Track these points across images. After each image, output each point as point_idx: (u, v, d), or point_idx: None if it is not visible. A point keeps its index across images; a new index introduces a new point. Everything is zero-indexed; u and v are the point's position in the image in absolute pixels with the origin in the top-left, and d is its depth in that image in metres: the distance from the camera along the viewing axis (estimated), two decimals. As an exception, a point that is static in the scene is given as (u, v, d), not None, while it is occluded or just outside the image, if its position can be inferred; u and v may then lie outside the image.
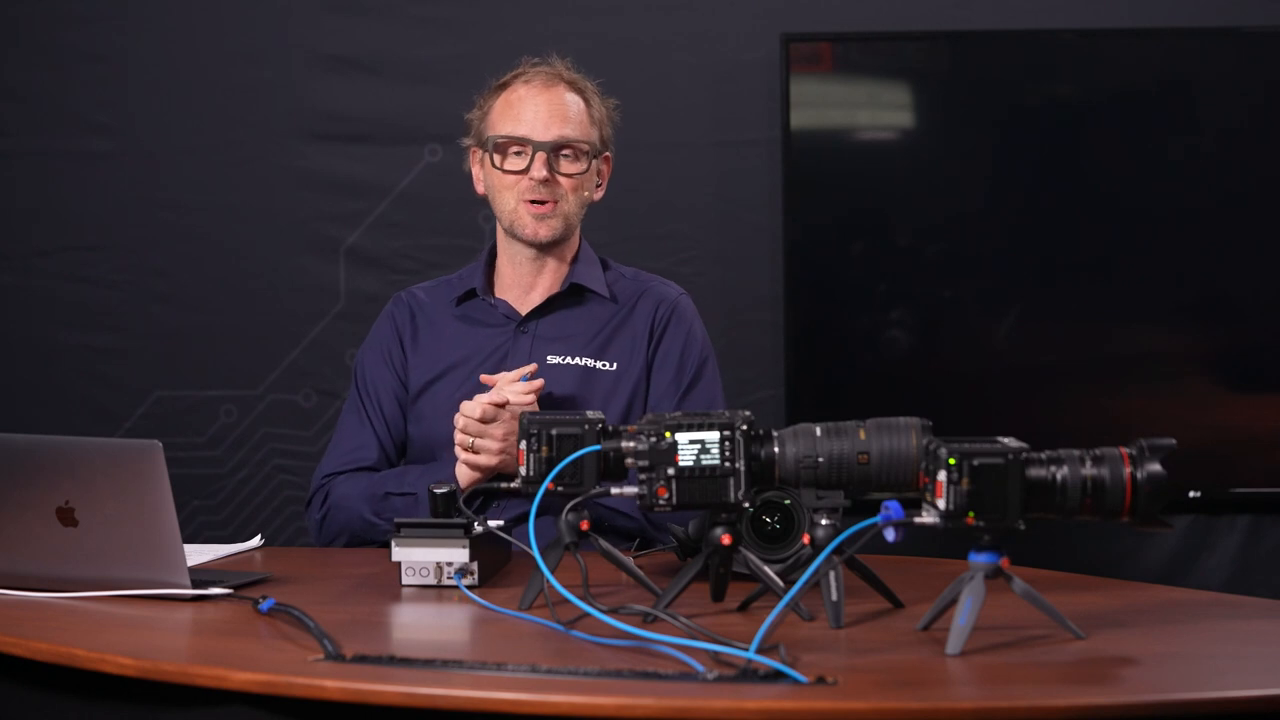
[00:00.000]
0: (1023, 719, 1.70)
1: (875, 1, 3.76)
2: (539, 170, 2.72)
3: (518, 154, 2.75)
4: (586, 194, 2.79)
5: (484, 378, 2.67)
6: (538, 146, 2.73)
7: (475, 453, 2.60)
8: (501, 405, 2.58)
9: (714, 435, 2.05)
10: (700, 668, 1.81)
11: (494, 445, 2.59)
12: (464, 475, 2.63)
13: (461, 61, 3.74)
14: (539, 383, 2.62)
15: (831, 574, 2.02)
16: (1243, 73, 3.69)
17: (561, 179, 2.74)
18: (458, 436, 2.61)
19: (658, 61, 3.80)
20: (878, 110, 3.79)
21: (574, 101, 2.77)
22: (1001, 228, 3.72)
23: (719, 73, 3.80)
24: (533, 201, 2.73)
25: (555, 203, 2.74)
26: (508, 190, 2.75)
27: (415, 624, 2.20)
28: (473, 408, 2.60)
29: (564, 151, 2.74)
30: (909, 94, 3.77)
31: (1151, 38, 3.69)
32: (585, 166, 2.76)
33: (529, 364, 2.73)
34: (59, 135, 3.86)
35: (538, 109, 2.75)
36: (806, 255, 3.71)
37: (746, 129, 3.78)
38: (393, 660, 1.87)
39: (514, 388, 2.61)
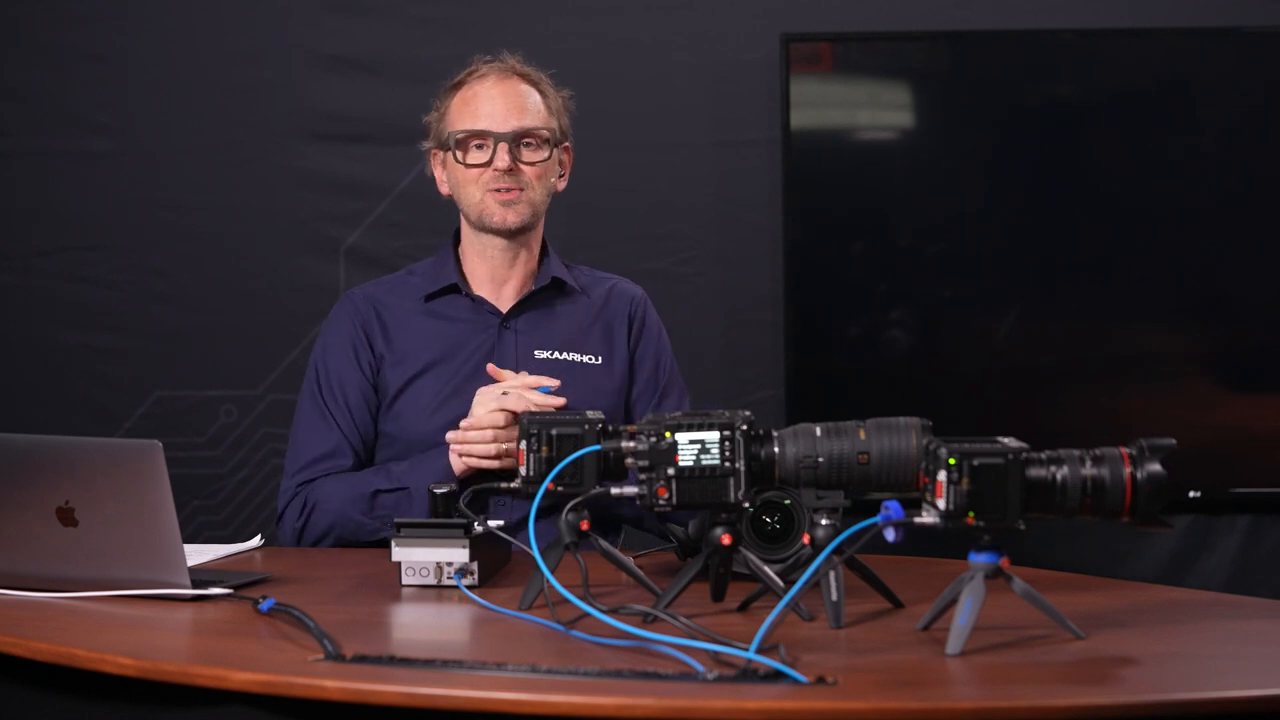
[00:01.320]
0: (1023, 719, 1.70)
1: (875, 1, 3.76)
2: (502, 160, 2.73)
3: (479, 147, 2.76)
4: (551, 181, 2.80)
5: (491, 369, 2.67)
6: (499, 138, 2.74)
7: (506, 456, 2.59)
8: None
9: (714, 435, 2.05)
10: (700, 668, 1.81)
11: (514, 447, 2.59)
12: (460, 467, 2.64)
13: (461, 61, 3.71)
14: (561, 400, 2.62)
15: (831, 574, 2.02)
16: (1243, 73, 3.69)
17: (525, 168, 2.76)
18: (489, 448, 2.60)
19: (658, 61, 3.80)
20: (878, 110, 3.79)
21: (529, 92, 2.79)
22: (1001, 228, 3.72)
23: (719, 73, 3.80)
24: (498, 190, 2.74)
25: (521, 190, 2.75)
26: (472, 184, 2.77)
27: (415, 624, 2.20)
28: (499, 417, 2.59)
29: (525, 140, 2.76)
30: (909, 94, 3.77)
31: (1151, 38, 3.69)
32: (547, 154, 2.77)
33: (517, 361, 2.74)
34: (59, 135, 3.86)
35: (494, 102, 2.76)
36: (806, 255, 3.71)
37: (746, 129, 3.78)
38: (393, 660, 1.87)
39: (534, 396, 2.61)
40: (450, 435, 2.64)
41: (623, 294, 2.88)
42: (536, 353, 2.77)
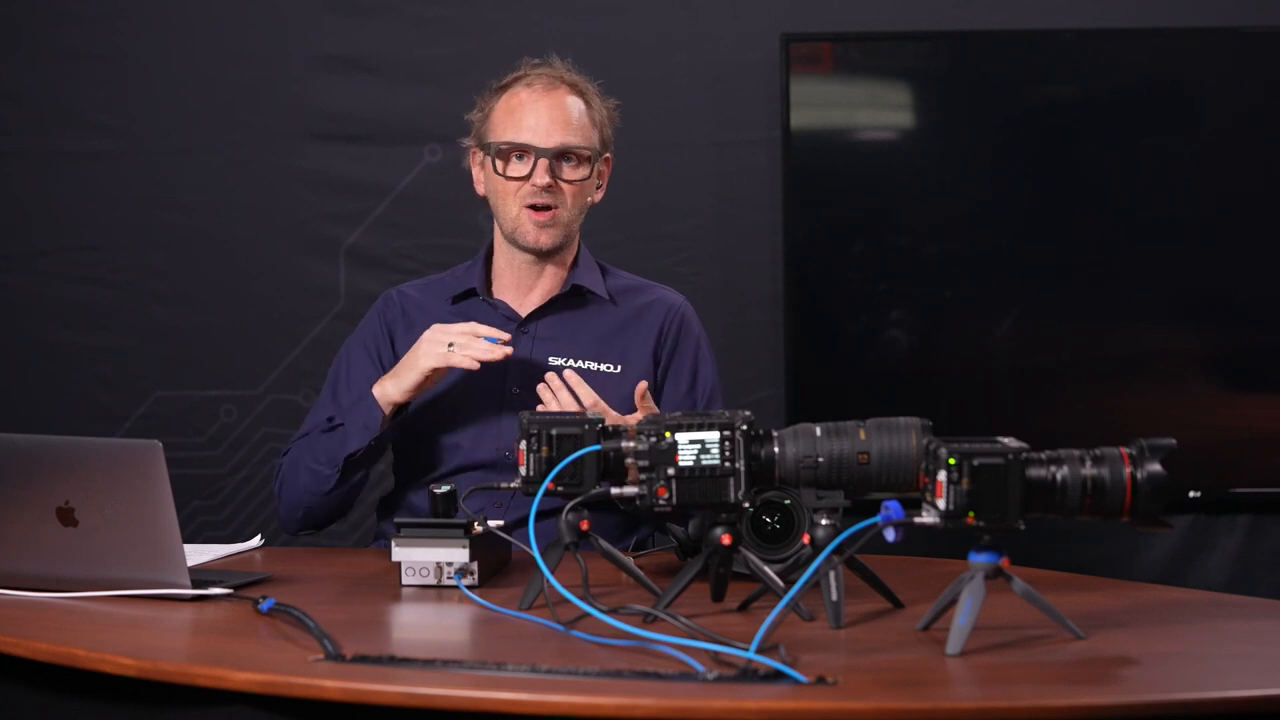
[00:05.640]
0: (1023, 719, 1.70)
1: (875, 1, 3.76)
2: (541, 177, 2.71)
3: (520, 159, 2.74)
4: (587, 199, 2.79)
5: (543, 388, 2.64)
6: (540, 153, 2.72)
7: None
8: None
9: (714, 435, 2.05)
10: (700, 668, 1.81)
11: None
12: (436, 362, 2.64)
13: (461, 61, 3.74)
14: (508, 350, 2.63)
15: (831, 574, 2.02)
16: (1243, 73, 3.69)
17: (564, 185, 2.74)
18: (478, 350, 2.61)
19: (658, 61, 3.80)
20: (878, 110, 3.79)
21: (575, 105, 2.76)
22: (1001, 228, 3.72)
23: (719, 73, 3.80)
24: (535, 207, 2.73)
25: (556, 209, 2.74)
26: (510, 196, 2.75)
27: (415, 624, 2.20)
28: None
29: (567, 158, 2.74)
30: (909, 94, 3.77)
31: (1151, 38, 3.69)
32: (587, 173, 2.75)
33: (522, 362, 2.73)
34: (59, 135, 3.86)
35: (539, 114, 2.73)
36: (806, 255, 3.71)
37: (746, 129, 3.78)
38: (393, 660, 1.87)
39: (479, 345, 2.62)
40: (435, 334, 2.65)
41: (660, 304, 2.84)
42: (551, 359, 2.76)
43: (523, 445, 2.15)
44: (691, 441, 2.05)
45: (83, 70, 3.85)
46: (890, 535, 1.90)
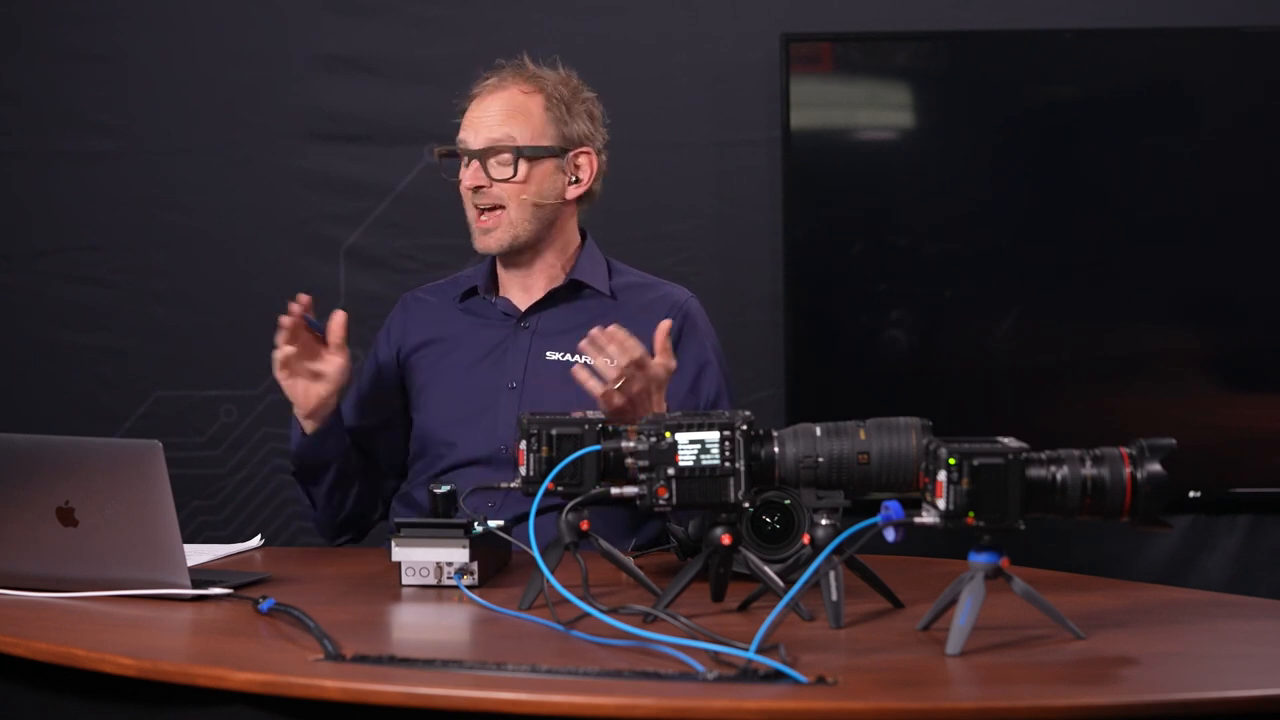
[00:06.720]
0: (1023, 719, 1.70)
1: (875, 1, 3.76)
2: (468, 178, 2.72)
3: (465, 164, 2.74)
4: (531, 195, 2.73)
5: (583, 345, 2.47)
6: (470, 154, 2.72)
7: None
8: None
9: (714, 435, 2.05)
10: (700, 668, 1.81)
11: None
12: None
13: (461, 61, 3.71)
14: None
15: (831, 574, 2.02)
16: (1243, 73, 3.69)
17: (497, 185, 2.72)
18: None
19: (658, 61, 3.80)
20: (878, 110, 3.79)
21: (516, 101, 2.73)
22: (1001, 228, 3.72)
23: (719, 73, 3.80)
24: (480, 211, 2.73)
25: (498, 209, 2.72)
26: (465, 203, 2.76)
27: (415, 624, 2.20)
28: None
29: (492, 157, 2.72)
30: (909, 94, 3.77)
31: (1151, 38, 3.68)
32: (512, 172, 2.71)
33: (528, 361, 2.74)
34: (59, 135, 3.86)
35: (473, 115, 2.74)
36: (806, 255, 3.70)
37: (746, 129, 3.78)
38: (393, 660, 1.87)
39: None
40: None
41: (664, 301, 2.80)
42: (548, 354, 2.76)
43: (523, 445, 2.16)
44: (691, 441, 2.05)
45: (83, 70, 3.85)
46: (890, 535, 1.90)
